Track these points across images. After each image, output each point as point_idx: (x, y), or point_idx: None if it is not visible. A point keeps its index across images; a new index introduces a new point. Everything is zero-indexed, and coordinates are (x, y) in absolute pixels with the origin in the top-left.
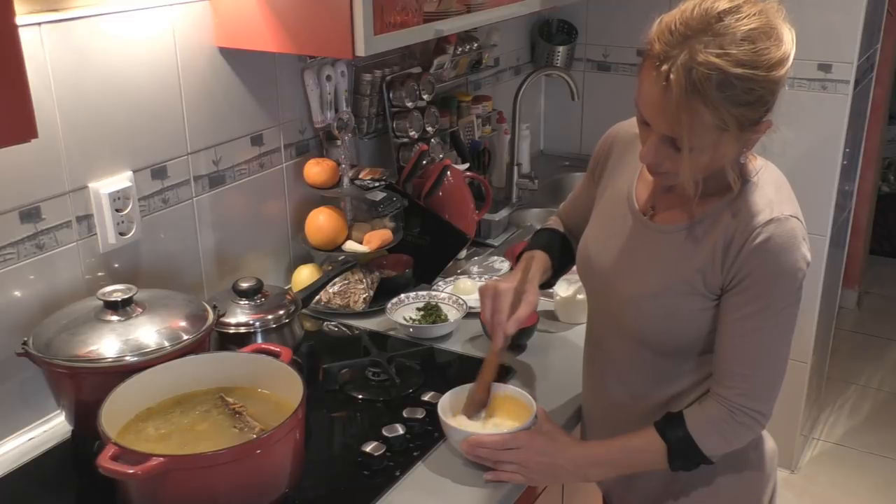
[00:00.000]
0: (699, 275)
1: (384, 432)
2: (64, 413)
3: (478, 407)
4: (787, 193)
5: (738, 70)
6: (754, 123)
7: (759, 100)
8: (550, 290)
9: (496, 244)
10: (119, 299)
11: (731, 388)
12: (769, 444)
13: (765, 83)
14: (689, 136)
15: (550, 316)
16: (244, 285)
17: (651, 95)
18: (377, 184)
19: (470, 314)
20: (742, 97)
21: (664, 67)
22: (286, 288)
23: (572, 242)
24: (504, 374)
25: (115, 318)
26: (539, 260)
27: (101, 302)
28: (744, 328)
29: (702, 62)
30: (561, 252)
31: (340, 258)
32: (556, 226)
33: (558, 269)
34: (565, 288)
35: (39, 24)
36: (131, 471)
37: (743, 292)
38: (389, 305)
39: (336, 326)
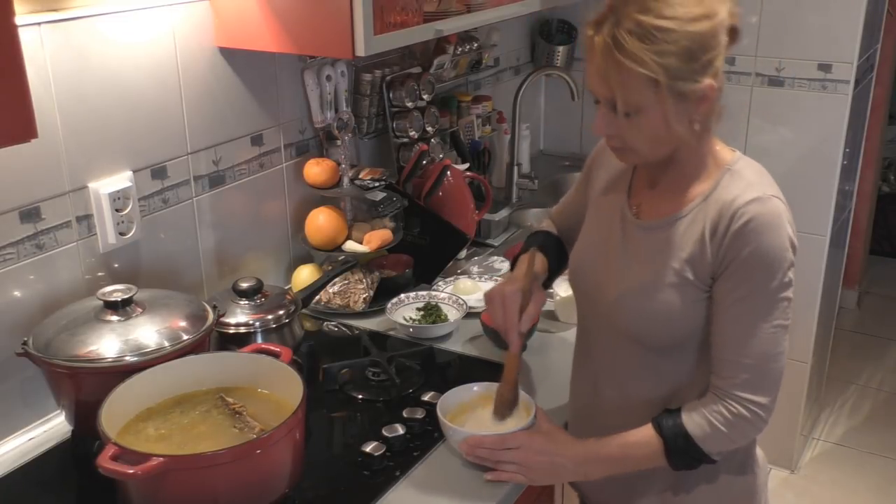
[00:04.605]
0: (688, 266)
1: (384, 432)
2: (64, 413)
3: (508, 407)
4: (769, 179)
5: (657, 21)
6: (688, 79)
7: (685, 52)
8: (550, 291)
9: (496, 244)
10: (119, 299)
11: (728, 378)
12: (759, 451)
13: (687, 35)
14: (624, 94)
15: (550, 316)
16: (244, 285)
17: (589, 65)
18: (377, 184)
19: (470, 314)
20: (666, 47)
21: (594, 35)
22: (286, 288)
23: (566, 244)
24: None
25: (115, 318)
26: (538, 259)
27: (101, 302)
28: (736, 313)
29: (624, 22)
30: (557, 253)
31: (340, 258)
32: (550, 228)
33: (555, 269)
34: (565, 288)
35: (39, 24)
36: (131, 471)
37: (731, 276)
38: (389, 305)
39: (336, 326)
